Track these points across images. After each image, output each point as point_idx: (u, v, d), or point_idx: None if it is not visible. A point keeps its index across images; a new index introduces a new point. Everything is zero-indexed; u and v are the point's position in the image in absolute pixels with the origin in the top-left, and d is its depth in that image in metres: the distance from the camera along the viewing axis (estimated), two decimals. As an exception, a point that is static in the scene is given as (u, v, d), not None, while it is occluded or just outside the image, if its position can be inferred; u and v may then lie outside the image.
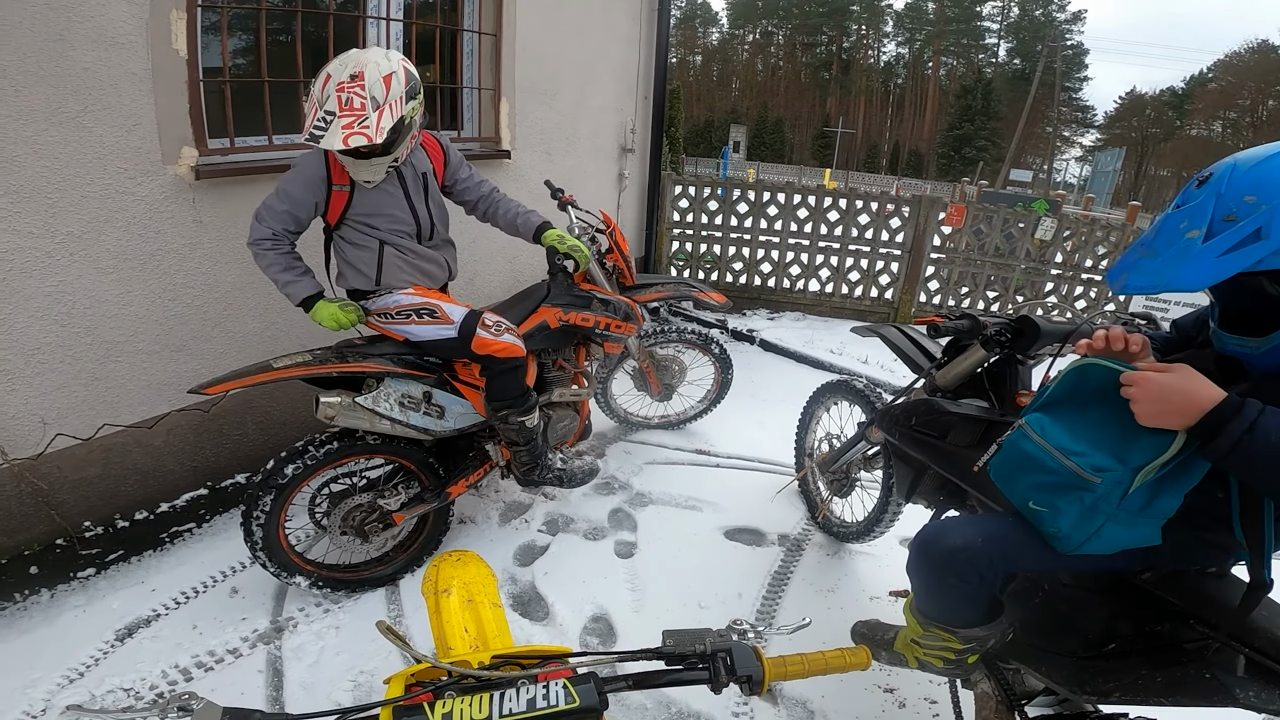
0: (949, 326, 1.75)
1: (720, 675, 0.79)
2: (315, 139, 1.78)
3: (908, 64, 63.42)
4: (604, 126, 4.54)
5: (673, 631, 0.82)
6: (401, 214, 2.10)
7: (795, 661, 0.82)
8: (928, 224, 4.90)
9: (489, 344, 2.07)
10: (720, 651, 0.80)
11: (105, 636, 2.07)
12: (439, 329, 2.08)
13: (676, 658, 0.81)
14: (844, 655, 0.85)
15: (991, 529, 1.28)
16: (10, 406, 2.13)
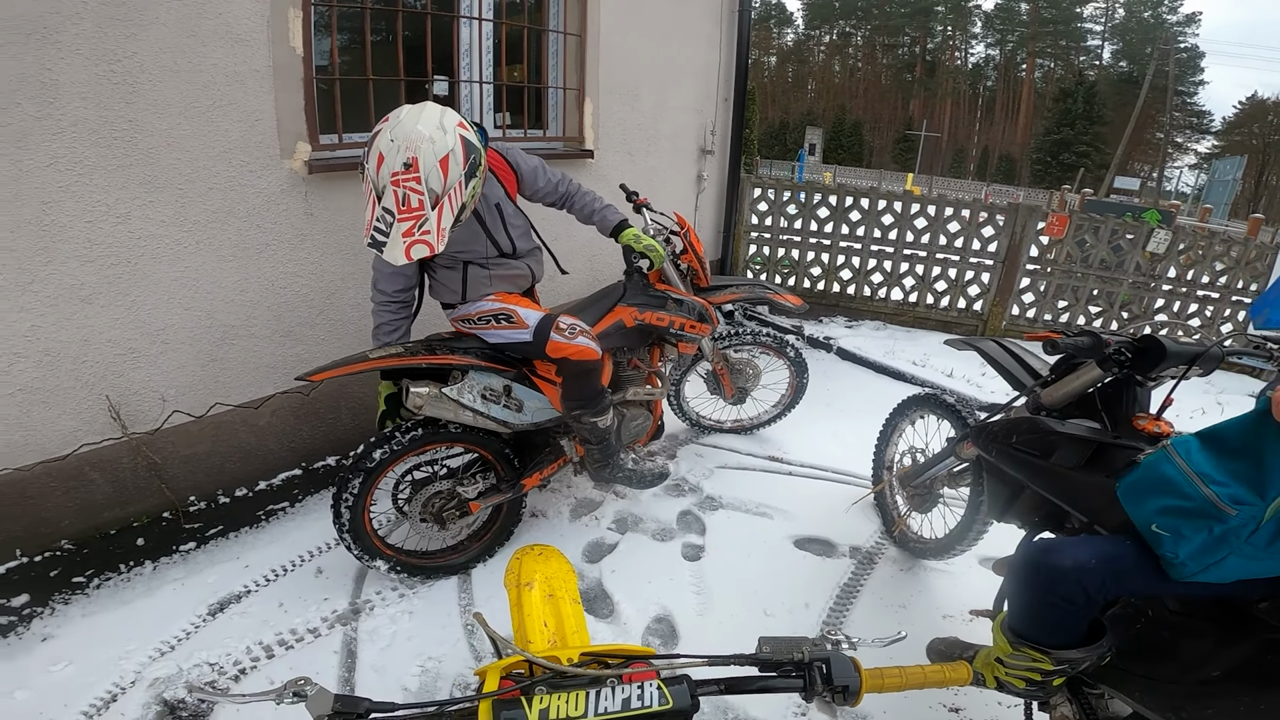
0: (1068, 343, 1.65)
1: (815, 684, 0.79)
2: (378, 245, 1.76)
3: (999, 66, 60.35)
4: (684, 128, 4.55)
5: (768, 639, 0.82)
6: (480, 246, 2.13)
7: (893, 674, 0.81)
8: (1025, 233, 4.63)
9: (563, 347, 2.10)
10: (817, 660, 0.80)
11: (199, 611, 2.17)
12: (515, 333, 2.13)
13: (771, 664, 0.81)
14: (944, 671, 0.83)
15: (1106, 550, 1.24)
16: (134, 383, 2.33)
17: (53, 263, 2.05)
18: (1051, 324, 4.79)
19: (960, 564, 2.48)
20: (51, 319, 2.09)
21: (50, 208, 2.01)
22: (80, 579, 2.24)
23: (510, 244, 2.19)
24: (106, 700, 1.84)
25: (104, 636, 2.04)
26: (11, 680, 1.87)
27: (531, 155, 2.25)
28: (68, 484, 2.26)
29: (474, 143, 1.83)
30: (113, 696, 1.85)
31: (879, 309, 5.12)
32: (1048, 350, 1.71)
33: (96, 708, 1.82)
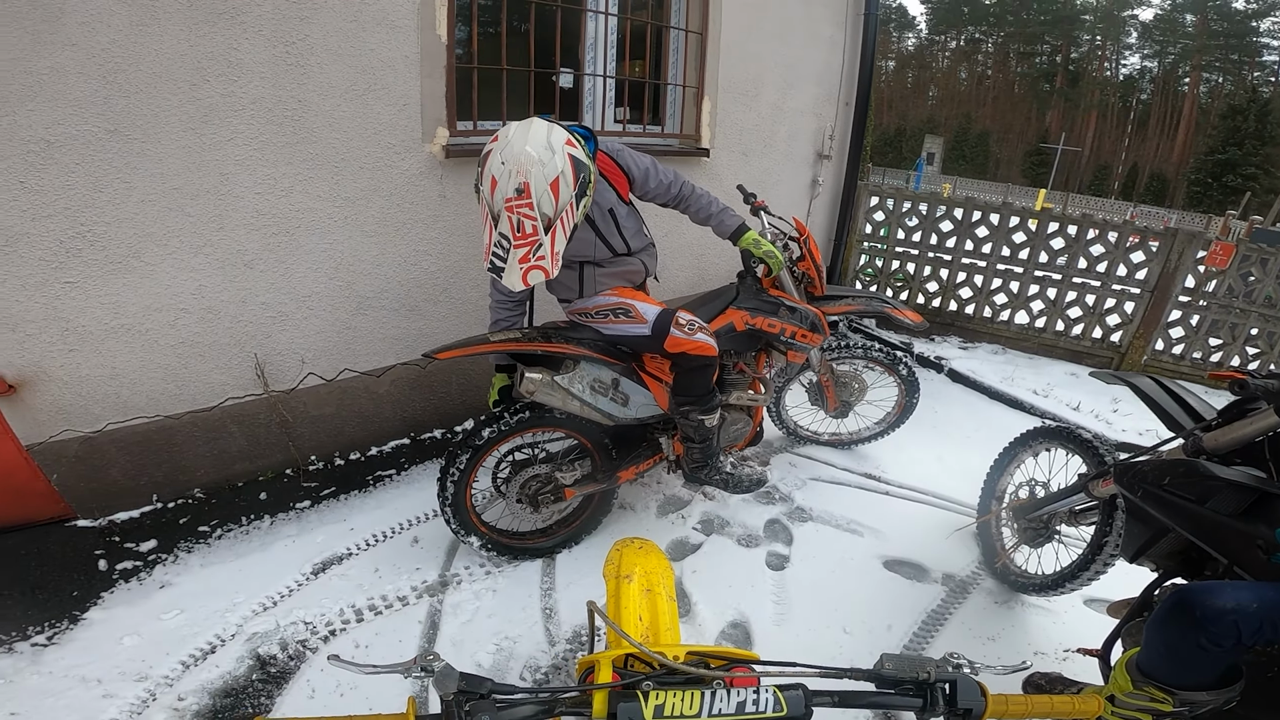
0: (1258, 385, 1.53)
1: (937, 705, 0.77)
2: (496, 271, 1.80)
3: (1156, 79, 54.52)
4: (801, 131, 4.44)
5: (891, 655, 0.80)
6: (595, 250, 2.16)
7: (1019, 702, 0.78)
8: (1181, 261, 4.15)
9: (682, 343, 2.10)
10: (941, 681, 0.78)
11: (303, 569, 2.27)
12: (633, 327, 2.15)
13: (891, 681, 0.79)
14: (1073, 702, 0.80)
15: (1269, 595, 1.18)
16: (280, 344, 2.55)
17: (224, 230, 2.28)
18: (1201, 363, 4.29)
19: (1062, 603, 2.34)
20: (217, 280, 2.33)
21: (227, 179, 2.23)
22: (205, 528, 2.43)
23: (624, 244, 2.20)
24: (205, 651, 1.95)
25: (216, 587, 2.17)
26: (125, 626, 2.00)
27: (643, 155, 2.21)
28: (209, 434, 2.50)
29: (582, 160, 1.81)
30: (211, 648, 1.96)
31: (999, 332, 4.75)
32: (1235, 390, 1.60)
33: (195, 658, 1.93)
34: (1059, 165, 38.44)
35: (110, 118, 1.97)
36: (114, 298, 2.15)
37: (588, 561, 2.42)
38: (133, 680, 1.83)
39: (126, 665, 1.87)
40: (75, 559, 2.22)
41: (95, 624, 2.01)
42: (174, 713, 1.76)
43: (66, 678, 1.81)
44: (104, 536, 2.32)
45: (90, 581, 2.16)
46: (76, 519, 2.34)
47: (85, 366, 2.17)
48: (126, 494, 2.40)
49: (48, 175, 1.92)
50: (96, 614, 2.04)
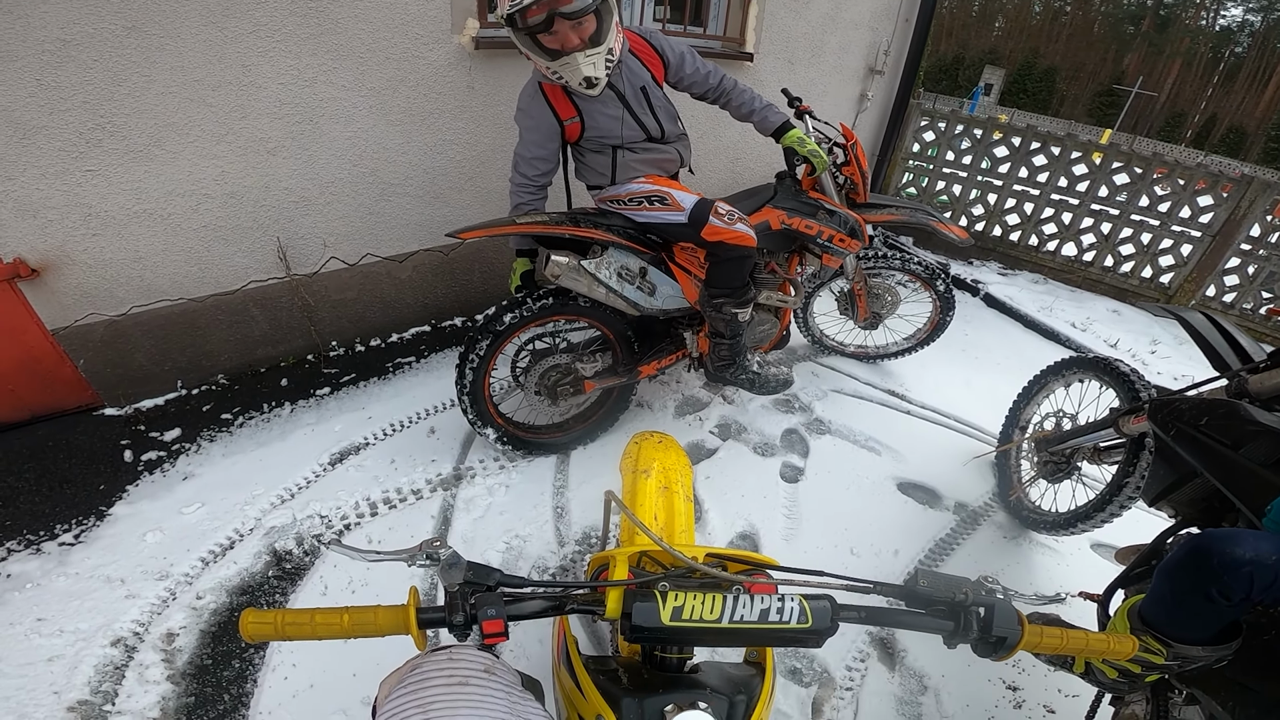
0: None
1: (970, 631, 0.73)
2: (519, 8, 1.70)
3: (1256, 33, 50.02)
4: (853, 43, 4.16)
5: (926, 573, 0.76)
6: (629, 129, 2.08)
7: (1054, 634, 0.74)
8: (1251, 209, 3.88)
9: (721, 231, 2.03)
10: (977, 605, 0.74)
11: (321, 460, 2.27)
12: (670, 214, 2.07)
13: (925, 600, 0.75)
14: (1108, 640, 0.75)
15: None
16: (303, 228, 2.56)
17: (247, 118, 2.25)
18: (1249, 314, 4.07)
19: (1070, 544, 2.30)
20: (240, 166, 2.31)
21: (249, 70, 2.18)
22: (228, 416, 2.46)
23: (659, 127, 2.12)
24: (225, 547, 1.96)
25: (237, 479, 2.17)
26: (148, 522, 2.00)
27: (679, 40, 2.15)
28: (232, 318, 2.54)
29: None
30: (230, 544, 1.97)
31: (1043, 261, 4.58)
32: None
33: (214, 554, 1.94)
34: (1130, 108, 35.86)
35: (128, 15, 1.93)
36: (136, 184, 2.15)
37: (602, 460, 2.42)
38: (154, 579, 1.85)
39: (149, 563, 1.88)
40: (102, 450, 2.24)
41: (120, 519, 2.02)
42: (192, 612, 1.78)
43: (92, 578, 1.83)
44: (130, 425, 2.35)
45: (116, 474, 2.17)
46: (104, 407, 2.38)
47: (108, 250, 2.19)
48: (152, 380, 2.46)
49: (65, 72, 1.90)
50: (122, 509, 2.06)
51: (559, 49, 1.78)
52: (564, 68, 1.82)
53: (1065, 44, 54.53)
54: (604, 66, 1.86)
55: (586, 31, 1.77)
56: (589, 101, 1.98)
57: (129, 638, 1.71)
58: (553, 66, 1.83)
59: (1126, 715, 1.41)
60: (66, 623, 1.71)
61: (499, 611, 0.66)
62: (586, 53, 1.80)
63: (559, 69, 1.83)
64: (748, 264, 2.15)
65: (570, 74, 1.84)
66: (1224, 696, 1.23)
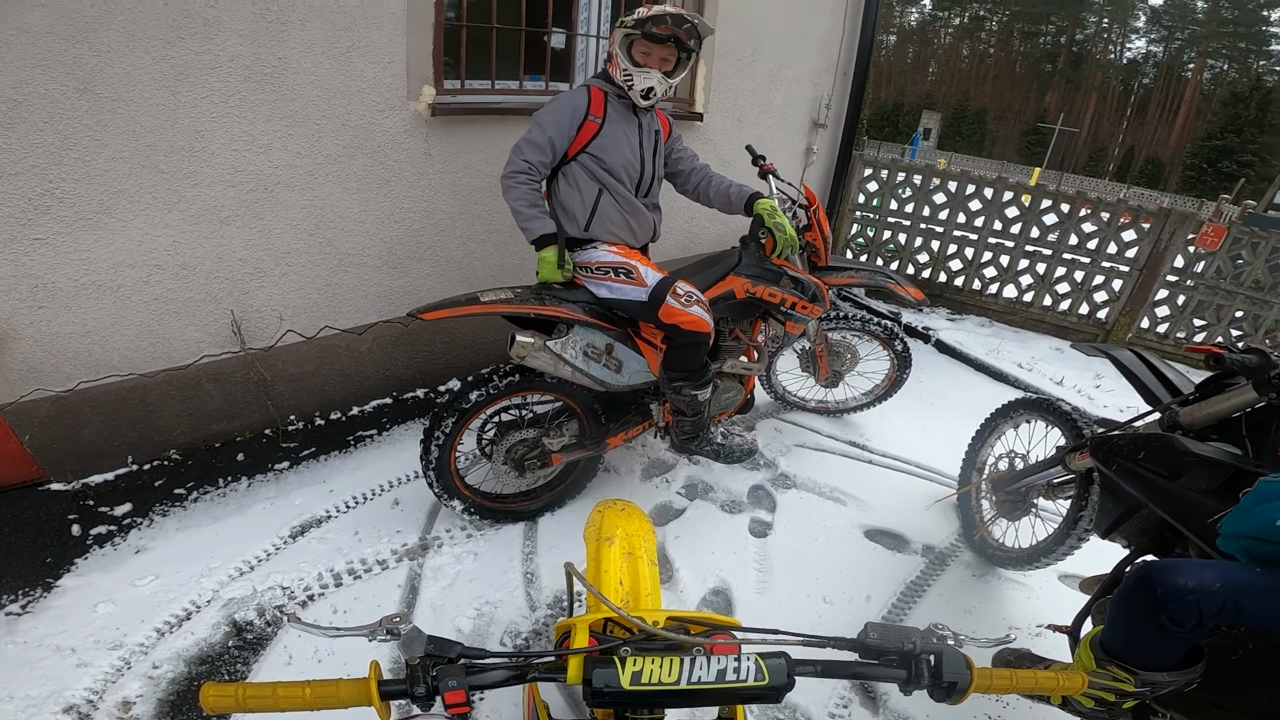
0: (1234, 359, 1.52)
1: (921, 678, 0.75)
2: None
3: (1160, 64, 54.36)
4: (797, 99, 4.36)
5: (875, 625, 0.79)
6: (632, 156, 2.19)
7: (1004, 676, 0.77)
8: (1172, 241, 4.15)
9: (676, 313, 2.07)
10: (926, 653, 0.76)
11: (282, 532, 2.23)
12: (632, 289, 2.11)
13: (875, 651, 0.77)
14: (1057, 677, 0.78)
15: (1233, 575, 1.17)
16: (258, 300, 2.50)
17: (199, 186, 2.22)
18: (1185, 342, 4.32)
19: (1038, 578, 2.37)
20: (192, 236, 2.27)
21: (202, 136, 2.17)
22: (181, 491, 2.38)
23: (651, 177, 2.27)
24: (181, 618, 1.92)
25: (192, 552, 2.12)
26: (100, 593, 1.96)
27: None
28: (185, 393, 2.46)
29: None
30: (187, 615, 1.93)
31: (987, 305, 4.78)
32: (1210, 364, 1.60)
33: (170, 625, 1.90)
34: (1055, 145, 38.32)
35: (80, 76, 1.91)
36: (85, 254, 2.09)
37: (571, 525, 2.41)
38: (107, 649, 1.80)
39: (101, 633, 1.84)
40: (49, 524, 2.18)
41: (69, 591, 1.97)
42: (149, 681, 1.74)
43: (41, 647, 1.79)
44: (78, 500, 2.27)
45: (64, 547, 2.12)
46: (50, 482, 2.29)
47: (56, 324, 2.12)
48: (101, 455, 2.36)
49: (15, 134, 1.86)
50: (70, 581, 2.01)
51: (643, 64, 2.10)
52: (640, 74, 2.11)
53: (992, 85, 58.19)
54: (661, 91, 2.16)
55: (669, 65, 2.13)
56: (617, 117, 2.18)
57: (82, 705, 1.67)
58: (630, 70, 2.11)
59: None
60: (16, 689, 1.68)
61: (460, 682, 0.68)
62: (660, 75, 2.12)
63: (635, 75, 2.11)
64: (703, 349, 2.19)
65: (642, 80, 2.12)
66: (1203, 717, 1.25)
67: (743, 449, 2.54)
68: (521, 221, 2.11)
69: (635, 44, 2.09)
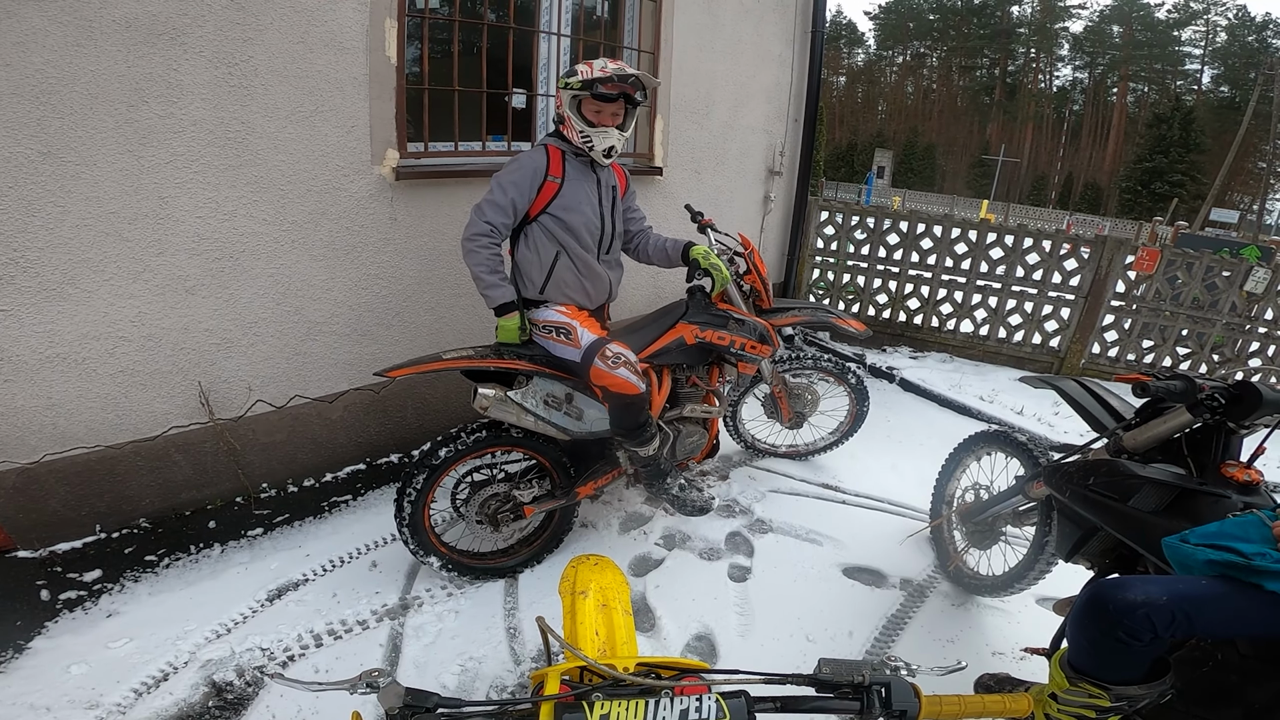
0: (1159, 387, 1.61)
1: (874, 708, 0.79)
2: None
3: (1087, 90, 57.62)
4: (752, 148, 4.55)
5: (828, 660, 0.83)
6: (592, 214, 2.27)
7: (952, 702, 0.81)
8: (1111, 267, 4.38)
9: (603, 375, 2.14)
10: (877, 684, 0.80)
11: (258, 596, 2.23)
12: (569, 350, 2.21)
13: (829, 685, 0.81)
14: (1003, 701, 0.83)
15: (1179, 589, 1.21)
16: (225, 371, 2.48)
17: (164, 254, 2.22)
18: (1135, 364, 4.51)
19: (1016, 602, 2.42)
20: (157, 307, 2.26)
21: (166, 202, 2.17)
22: (152, 557, 2.36)
23: (611, 234, 2.34)
24: (158, 679, 1.90)
25: (166, 615, 2.11)
26: (72, 655, 1.95)
27: None
28: (153, 464, 2.42)
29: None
30: (164, 675, 1.92)
31: (946, 341, 4.93)
32: (1137, 393, 1.68)
33: (147, 685, 1.88)
34: (1000, 176, 40.16)
35: (44, 139, 1.92)
36: (49, 326, 2.07)
37: (550, 580, 2.40)
38: (83, 708, 1.78)
39: (75, 693, 1.82)
40: (17, 589, 2.15)
41: (41, 652, 1.96)
42: None
43: (15, 705, 1.77)
44: (45, 567, 2.24)
45: (33, 611, 2.10)
46: (16, 550, 2.25)
47: (20, 397, 2.08)
48: (68, 524, 2.31)
49: None
50: (41, 643, 1.99)
51: (596, 123, 2.15)
52: (597, 135, 2.18)
53: (938, 120, 60.90)
54: (620, 147, 2.24)
55: (620, 118, 2.20)
56: (576, 175, 2.24)
57: None
58: (588, 133, 2.17)
59: None
60: None
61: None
62: (615, 131, 2.19)
63: (593, 136, 2.18)
64: (636, 409, 2.26)
65: (601, 141, 2.19)
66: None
67: (696, 503, 2.63)
68: (482, 289, 2.18)
69: (584, 103, 2.14)
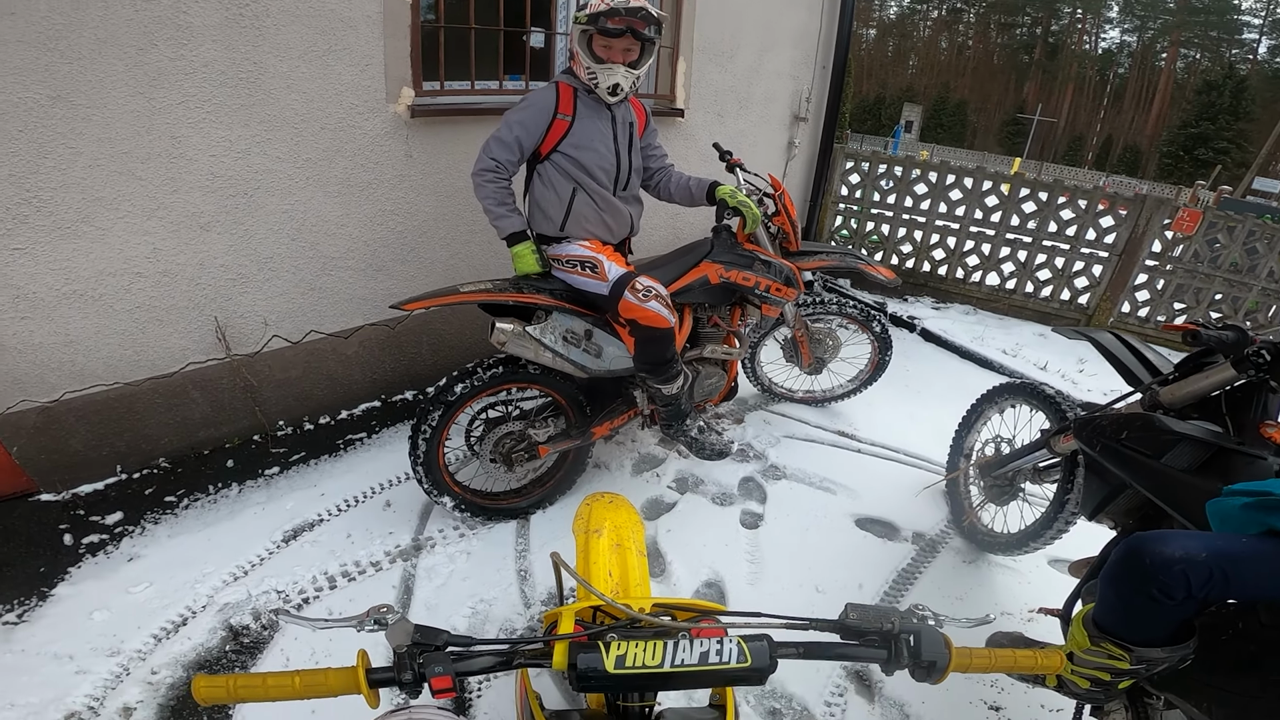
0: (1211, 335, 1.54)
1: (901, 657, 0.77)
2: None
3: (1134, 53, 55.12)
4: (778, 93, 4.38)
5: (855, 606, 0.80)
6: (606, 151, 2.19)
7: (982, 655, 0.78)
8: (1149, 226, 4.22)
9: (634, 309, 2.10)
10: (906, 633, 0.77)
11: (274, 537, 2.24)
12: (594, 284, 2.15)
13: (855, 632, 0.78)
14: (1036, 656, 0.79)
15: (1219, 545, 1.16)
16: (241, 307, 2.49)
17: (178, 192, 2.21)
18: (1165, 324, 4.39)
19: (1028, 562, 2.39)
20: (172, 243, 2.26)
21: (180, 142, 2.15)
22: (171, 498, 2.38)
23: (628, 172, 2.25)
24: (176, 624, 1.93)
25: (185, 558, 2.14)
26: (94, 601, 1.97)
27: None
28: (171, 401, 2.45)
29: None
30: (183, 620, 1.94)
31: (970, 293, 4.84)
32: (1188, 341, 1.60)
33: (166, 630, 1.91)
34: (1034, 135, 38.72)
35: (53, 84, 1.90)
36: (65, 263, 2.08)
37: (562, 522, 2.41)
38: (105, 655, 1.81)
39: (98, 640, 1.84)
40: (40, 534, 2.18)
41: (64, 600, 1.98)
42: (148, 686, 1.75)
43: (39, 655, 1.79)
44: (68, 510, 2.27)
45: (57, 557, 2.12)
46: (40, 493, 2.29)
47: (38, 334, 2.10)
48: (89, 465, 2.35)
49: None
50: (65, 589, 2.01)
51: (605, 59, 2.06)
52: (603, 71, 2.08)
53: (971, 77, 58.71)
54: (629, 85, 2.13)
55: (632, 56, 2.10)
56: (588, 113, 2.15)
57: (83, 712, 1.68)
58: (594, 69, 2.08)
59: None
60: (17, 697, 1.68)
61: (446, 668, 0.69)
62: (625, 69, 2.09)
63: (599, 72, 2.08)
64: (664, 344, 2.21)
65: (606, 78, 2.09)
66: (1199, 698, 1.26)
67: (714, 447, 2.57)
68: (492, 220, 2.16)
69: (594, 39, 2.06)
